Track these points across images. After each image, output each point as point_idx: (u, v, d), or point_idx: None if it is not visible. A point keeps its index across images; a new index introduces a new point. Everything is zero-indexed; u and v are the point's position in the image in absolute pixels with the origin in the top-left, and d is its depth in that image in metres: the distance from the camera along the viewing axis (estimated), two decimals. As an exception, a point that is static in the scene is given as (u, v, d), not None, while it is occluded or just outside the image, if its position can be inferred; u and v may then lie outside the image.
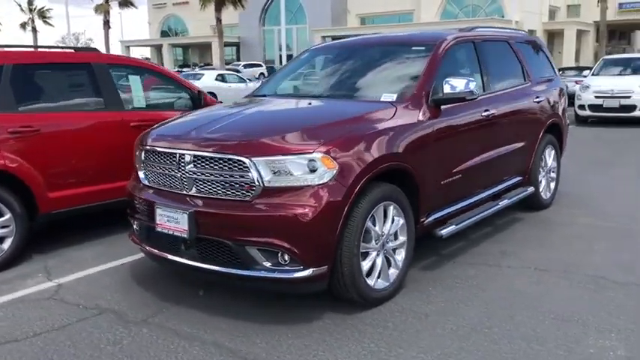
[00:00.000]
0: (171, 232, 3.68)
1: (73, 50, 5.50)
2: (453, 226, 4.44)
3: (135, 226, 4.23)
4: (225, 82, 23.30)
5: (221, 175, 3.54)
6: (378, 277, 3.80)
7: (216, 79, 23.16)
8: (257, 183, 3.41)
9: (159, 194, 3.87)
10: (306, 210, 3.35)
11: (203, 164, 3.60)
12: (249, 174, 3.43)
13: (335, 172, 3.40)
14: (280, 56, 53.43)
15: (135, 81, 5.84)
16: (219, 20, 37.05)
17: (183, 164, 3.69)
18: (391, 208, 3.83)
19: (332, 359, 3.17)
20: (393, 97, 4.23)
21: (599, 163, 8.77)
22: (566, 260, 4.58)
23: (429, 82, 4.32)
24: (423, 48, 4.69)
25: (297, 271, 3.41)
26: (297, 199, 3.38)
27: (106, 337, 3.49)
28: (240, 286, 3.90)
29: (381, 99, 4.24)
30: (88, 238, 5.47)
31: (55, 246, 5.26)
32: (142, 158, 4.05)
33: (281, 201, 3.39)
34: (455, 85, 4.25)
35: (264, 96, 4.91)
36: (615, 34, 53.98)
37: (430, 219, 4.29)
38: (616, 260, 4.55)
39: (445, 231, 4.34)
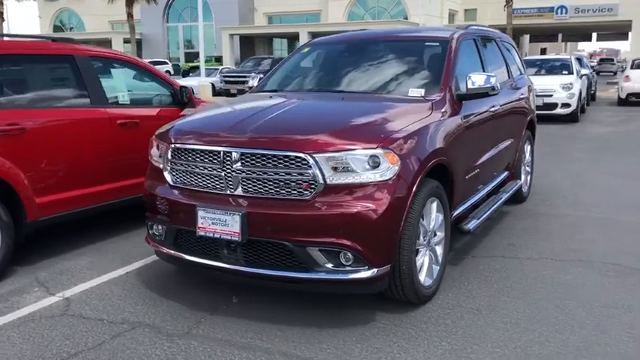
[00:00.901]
0: (217, 236, 3.42)
1: (50, 40, 4.98)
2: (476, 220, 4.48)
3: (156, 231, 3.90)
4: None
5: (276, 174, 3.33)
6: (426, 275, 3.76)
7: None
8: (318, 181, 3.24)
9: (194, 195, 3.58)
10: (373, 207, 3.23)
11: (254, 162, 3.38)
12: (309, 171, 3.25)
13: (398, 167, 3.31)
14: (186, 54, 52.32)
15: (118, 75, 5.40)
16: (130, 15, 35.41)
17: (228, 163, 3.44)
18: (435, 204, 3.80)
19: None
20: (422, 92, 4.19)
21: (546, 157, 9.25)
22: (574, 249, 4.76)
23: (452, 78, 4.33)
24: (437, 44, 4.70)
25: (361, 270, 3.28)
26: (362, 196, 3.25)
27: (156, 355, 3.18)
28: (295, 290, 3.73)
29: (409, 94, 4.19)
30: (72, 247, 5.00)
31: (39, 256, 4.75)
32: (169, 157, 3.74)
33: (344, 198, 3.25)
34: (476, 80, 4.29)
35: (278, 91, 4.71)
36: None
37: (455, 214, 4.30)
38: (617, 247, 4.79)
39: (472, 225, 4.37)
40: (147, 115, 5.44)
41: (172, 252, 3.78)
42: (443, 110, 4.02)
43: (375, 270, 3.29)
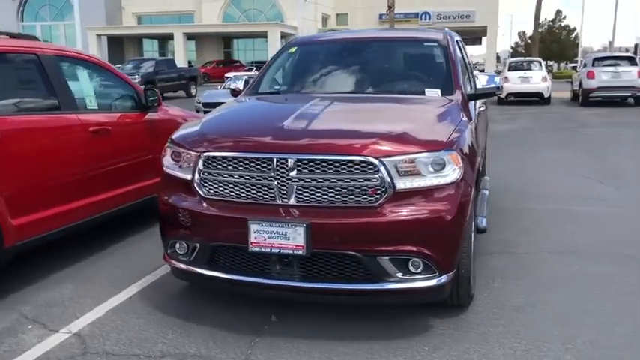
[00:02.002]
0: (276, 251, 3.13)
1: (7, 36, 4.30)
2: (483, 217, 4.54)
3: (180, 249, 3.50)
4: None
5: (338, 180, 3.12)
6: (469, 276, 3.73)
7: None
8: (387, 186, 3.08)
9: (240, 208, 3.26)
10: (445, 211, 3.14)
11: (312, 169, 3.14)
12: (377, 176, 3.08)
13: (462, 169, 3.24)
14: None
15: (84, 77, 4.79)
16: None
17: (284, 171, 3.17)
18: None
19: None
20: (438, 92, 4.17)
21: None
22: (563, 242, 4.99)
23: (460, 78, 4.36)
24: (435, 44, 4.70)
25: (431, 278, 3.17)
26: (432, 200, 3.15)
27: (228, 387, 2.84)
28: (358, 303, 3.54)
29: (428, 95, 4.15)
30: (45, 273, 4.37)
31: (9, 287, 4.08)
32: (200, 167, 3.37)
33: (415, 204, 3.12)
34: (482, 80, 4.36)
35: (283, 93, 4.45)
36: (376, 41, 59.77)
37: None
38: (599, 238, 5.10)
39: (485, 223, 4.41)
40: (117, 122, 4.91)
41: (204, 271, 3.41)
42: (465, 110, 4.02)
43: (444, 276, 3.19)
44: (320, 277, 3.21)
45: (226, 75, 40.41)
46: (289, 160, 3.15)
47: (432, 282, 3.17)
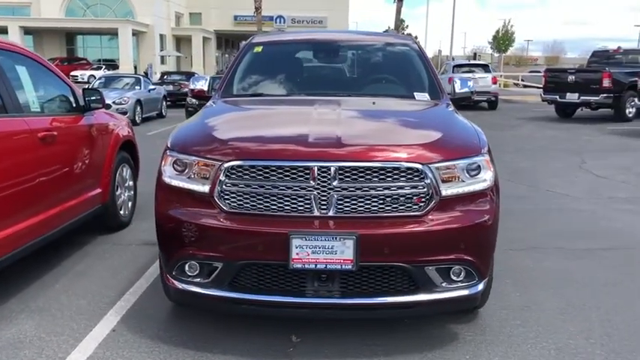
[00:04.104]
0: (321, 267, 2.88)
1: None
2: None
3: (190, 271, 3.09)
4: None
5: (384, 189, 2.95)
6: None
7: None
8: (432, 193, 2.97)
9: (274, 222, 2.95)
10: (487, 216, 3.10)
11: (356, 177, 2.93)
12: (424, 183, 2.97)
13: (494, 173, 3.23)
14: None
15: (24, 75, 4.05)
16: None
17: (325, 180, 2.92)
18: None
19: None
20: (426, 95, 4.16)
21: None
22: (517, 239, 5.22)
23: (439, 81, 4.38)
24: (407, 48, 4.68)
25: (473, 285, 3.12)
26: (473, 205, 3.09)
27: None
28: (400, 317, 3.40)
29: (416, 98, 4.12)
30: (-12, 308, 3.64)
31: (-49, 329, 3.34)
32: (222, 178, 2.99)
33: (458, 210, 3.05)
34: (460, 84, 4.43)
35: (267, 95, 4.12)
36: (229, 42, 59.44)
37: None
38: (546, 231, 5.44)
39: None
40: (62, 126, 4.25)
41: (224, 294, 3.04)
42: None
43: (482, 283, 3.16)
44: (362, 292, 3.01)
45: (72, 74, 37.71)
46: (331, 168, 2.92)
47: (473, 290, 3.12)
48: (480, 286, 3.14)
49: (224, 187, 2.99)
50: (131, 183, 5.69)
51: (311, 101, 3.84)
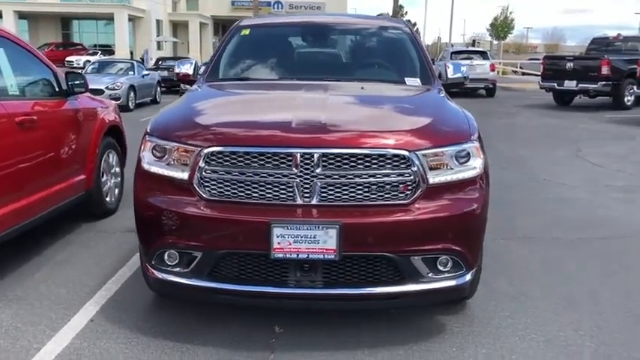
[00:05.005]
0: (303, 256, 2.79)
1: None
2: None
3: (169, 260, 3.00)
4: None
5: (369, 176, 2.84)
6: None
7: None
8: (419, 181, 2.87)
9: (255, 210, 2.85)
10: (476, 205, 3.00)
11: (341, 164, 2.83)
12: (410, 170, 2.87)
13: (484, 160, 3.13)
14: None
15: (2, 58, 3.93)
16: None
17: (309, 167, 2.82)
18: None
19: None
20: (417, 81, 4.05)
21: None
22: (509, 228, 5.13)
23: (431, 66, 4.27)
24: (399, 32, 4.56)
25: (461, 276, 3.03)
26: (462, 194, 2.99)
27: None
28: (385, 308, 3.31)
29: (407, 83, 4.01)
30: (-35, 297, 3.54)
31: None
32: (202, 164, 2.89)
33: (446, 199, 2.95)
34: (452, 69, 4.32)
35: (252, 79, 4.01)
36: (227, 28, 58.92)
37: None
38: (539, 222, 5.35)
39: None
40: (42, 110, 4.14)
41: (204, 284, 2.95)
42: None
43: (470, 273, 3.07)
44: (346, 282, 2.92)
45: (68, 59, 37.36)
46: (315, 155, 2.81)
47: (460, 280, 3.03)
48: (468, 277, 3.05)
49: (204, 173, 2.89)
50: (118, 169, 5.58)
51: (297, 86, 3.74)
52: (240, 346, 3.03)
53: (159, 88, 18.32)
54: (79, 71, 7.78)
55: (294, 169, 2.82)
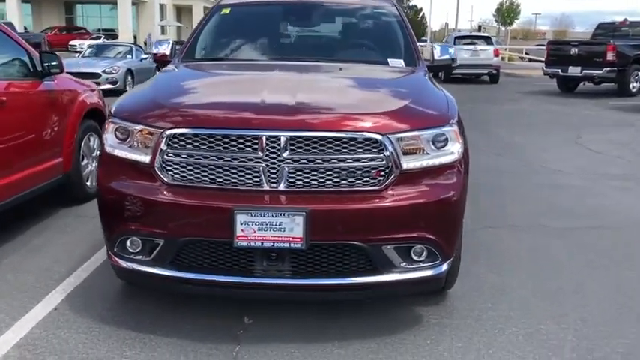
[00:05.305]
0: (269, 245, 2.65)
1: None
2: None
3: (132, 247, 2.88)
4: None
5: (339, 161, 2.70)
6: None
7: None
8: (393, 167, 2.73)
9: (218, 195, 2.72)
10: (451, 192, 2.85)
11: (309, 148, 2.68)
12: (383, 155, 2.72)
13: (462, 145, 2.97)
14: None
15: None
16: None
17: (275, 151, 2.67)
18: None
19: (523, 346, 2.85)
20: (401, 62, 3.88)
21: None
22: (498, 215, 4.99)
23: (418, 47, 4.11)
24: (388, 12, 4.38)
25: (436, 266, 2.88)
26: (438, 180, 2.85)
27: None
28: (355, 298, 3.18)
29: (390, 64, 3.84)
30: None
31: None
32: (163, 147, 2.75)
33: (421, 185, 2.81)
34: (439, 50, 4.16)
35: (227, 59, 3.86)
36: (231, 13, 58.43)
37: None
38: (529, 210, 5.19)
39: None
40: (14, 91, 4.01)
41: (167, 272, 2.83)
42: (434, 82, 3.77)
43: (446, 263, 2.93)
44: (315, 272, 2.79)
45: (71, 43, 37.18)
46: (282, 139, 2.67)
47: (436, 270, 2.89)
48: (444, 267, 2.91)
49: (165, 157, 2.76)
50: (99, 153, 5.44)
51: (274, 66, 3.59)
52: (206, 338, 2.91)
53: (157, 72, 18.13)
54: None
55: (259, 153, 2.68)
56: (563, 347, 2.90)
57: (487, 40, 20.75)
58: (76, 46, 36.26)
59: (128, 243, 2.88)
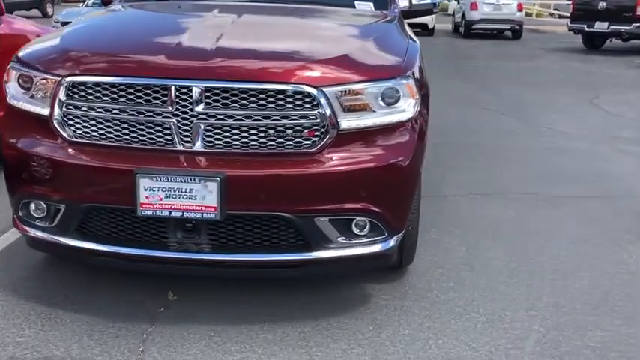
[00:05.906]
0: (177, 215, 2.28)
1: None
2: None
3: (37, 212, 2.53)
4: None
5: (264, 117, 2.29)
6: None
7: None
8: (329, 125, 2.31)
9: (121, 155, 2.34)
10: (400, 157, 2.43)
11: (229, 102, 2.27)
12: (317, 112, 2.29)
13: (418, 102, 2.53)
14: None
15: None
16: None
17: (186, 104, 2.27)
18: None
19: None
20: (370, 5, 3.41)
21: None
22: (489, 182, 4.54)
23: (391, -11, 3.61)
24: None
25: (380, 241, 2.48)
26: (384, 142, 2.43)
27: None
28: (288, 276, 2.79)
29: (357, 7, 3.37)
30: None
31: None
32: (62, 98, 2.36)
33: (363, 148, 2.39)
34: (415, -5, 3.65)
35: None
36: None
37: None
38: (524, 175, 4.73)
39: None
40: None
41: (72, 242, 2.48)
42: (405, 30, 3.29)
43: (394, 239, 2.52)
44: (238, 247, 2.42)
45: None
46: (194, 89, 2.26)
47: (381, 246, 2.49)
48: (392, 242, 2.51)
49: (64, 109, 2.38)
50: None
51: (216, 7, 3.14)
52: (120, 317, 2.57)
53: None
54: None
55: (169, 106, 2.28)
56: (527, 338, 2.51)
57: (511, -8, 19.68)
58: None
59: (32, 207, 2.54)
